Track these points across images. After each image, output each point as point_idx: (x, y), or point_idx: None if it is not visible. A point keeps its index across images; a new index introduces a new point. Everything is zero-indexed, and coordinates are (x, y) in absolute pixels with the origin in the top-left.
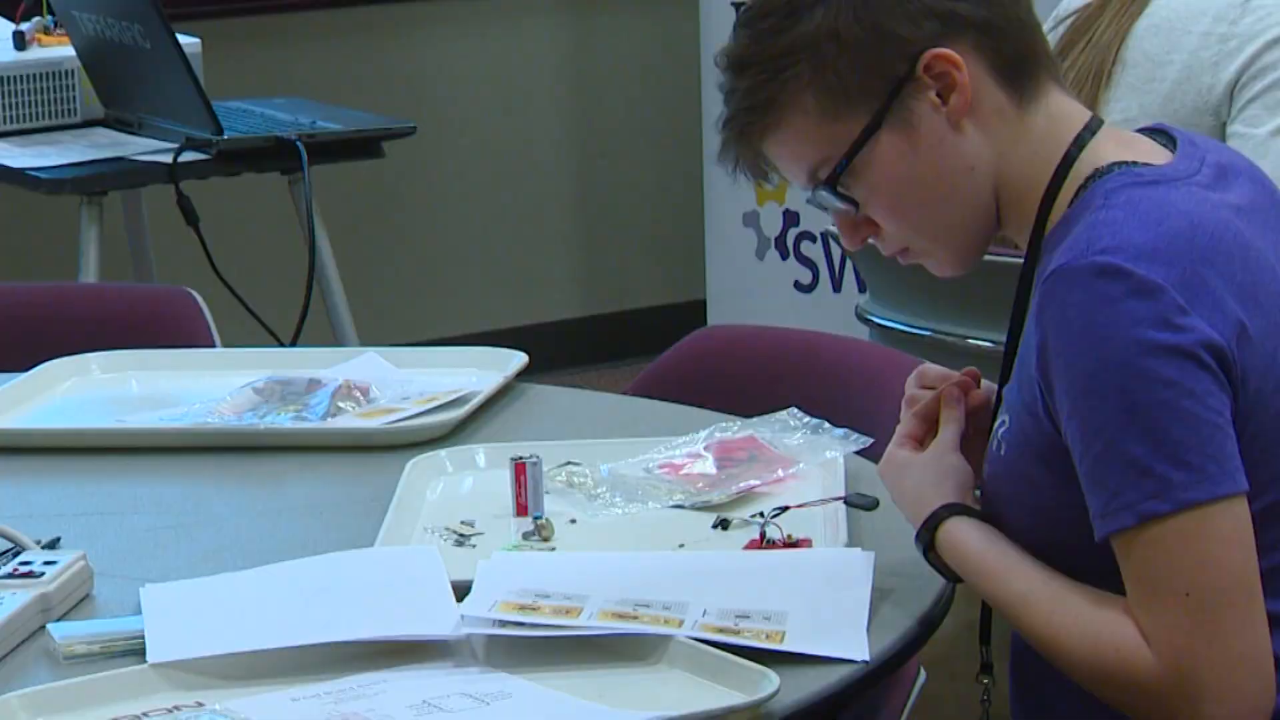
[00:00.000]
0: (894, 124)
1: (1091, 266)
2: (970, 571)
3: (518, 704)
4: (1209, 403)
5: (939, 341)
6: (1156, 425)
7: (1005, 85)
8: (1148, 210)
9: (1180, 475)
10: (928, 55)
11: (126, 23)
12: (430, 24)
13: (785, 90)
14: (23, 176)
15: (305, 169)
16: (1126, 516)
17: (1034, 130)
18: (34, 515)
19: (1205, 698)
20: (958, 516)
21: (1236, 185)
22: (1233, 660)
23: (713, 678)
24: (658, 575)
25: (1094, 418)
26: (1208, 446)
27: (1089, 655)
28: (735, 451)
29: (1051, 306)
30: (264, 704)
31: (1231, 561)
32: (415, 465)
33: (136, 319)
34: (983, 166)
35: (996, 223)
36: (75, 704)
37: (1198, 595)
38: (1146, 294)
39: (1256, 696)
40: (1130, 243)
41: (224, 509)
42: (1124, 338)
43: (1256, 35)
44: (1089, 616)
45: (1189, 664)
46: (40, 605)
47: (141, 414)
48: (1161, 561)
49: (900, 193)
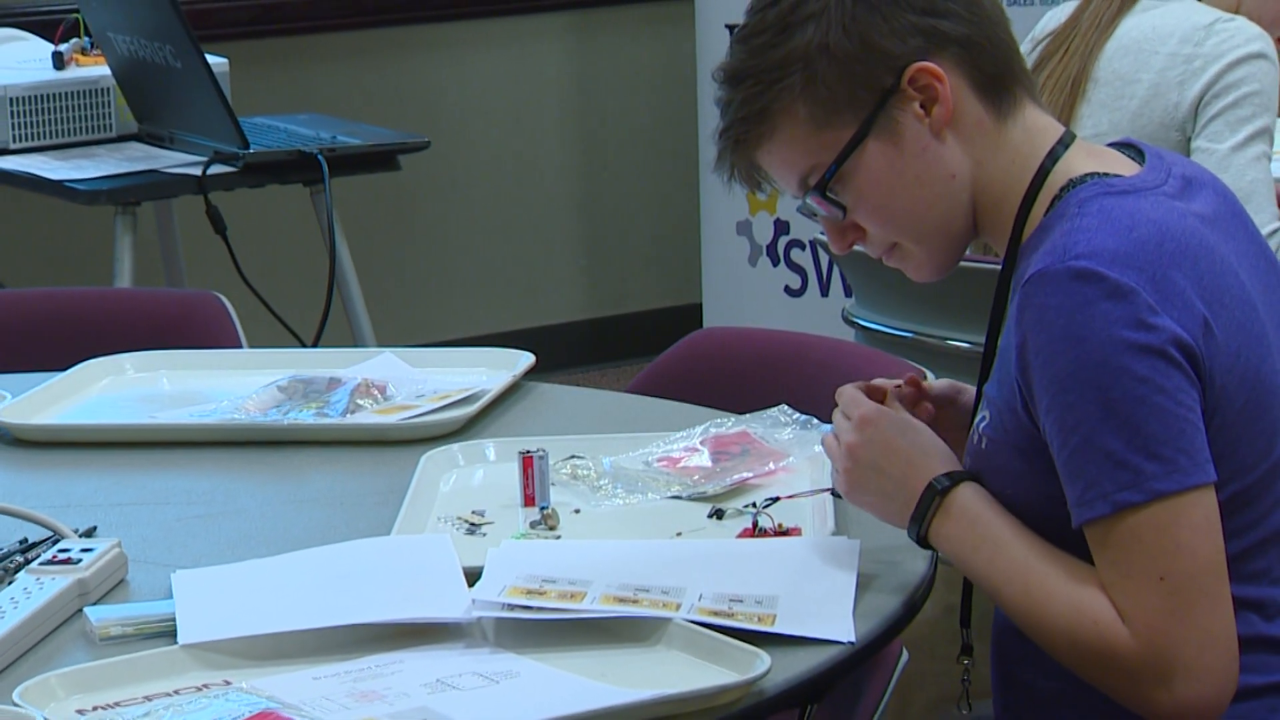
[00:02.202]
0: (880, 133)
1: (1068, 271)
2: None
3: (526, 682)
4: (1179, 398)
5: (920, 343)
6: (1131, 420)
7: (984, 99)
8: (1119, 218)
9: (1153, 467)
10: (912, 69)
11: (159, 44)
12: (443, 46)
13: (779, 100)
14: (61, 188)
15: (326, 181)
16: (1102, 505)
17: (1011, 142)
18: (72, 505)
19: (1177, 675)
20: (965, 483)
21: (1201, 195)
22: (1204, 641)
23: (708, 658)
24: (657, 562)
25: (1072, 413)
26: (1179, 440)
27: (1068, 629)
28: (729, 446)
29: (1031, 309)
30: (287, 682)
31: (1202, 548)
32: (429, 459)
33: (168, 322)
34: (962, 175)
35: (973, 228)
36: (110, 683)
37: (1171, 580)
38: (1120, 296)
39: (1224, 675)
40: (1104, 249)
41: (250, 500)
42: (1099, 337)
43: (1220, 56)
44: (1069, 590)
45: (1163, 643)
46: (78, 590)
47: (172, 411)
48: (1136, 548)
49: (885, 197)
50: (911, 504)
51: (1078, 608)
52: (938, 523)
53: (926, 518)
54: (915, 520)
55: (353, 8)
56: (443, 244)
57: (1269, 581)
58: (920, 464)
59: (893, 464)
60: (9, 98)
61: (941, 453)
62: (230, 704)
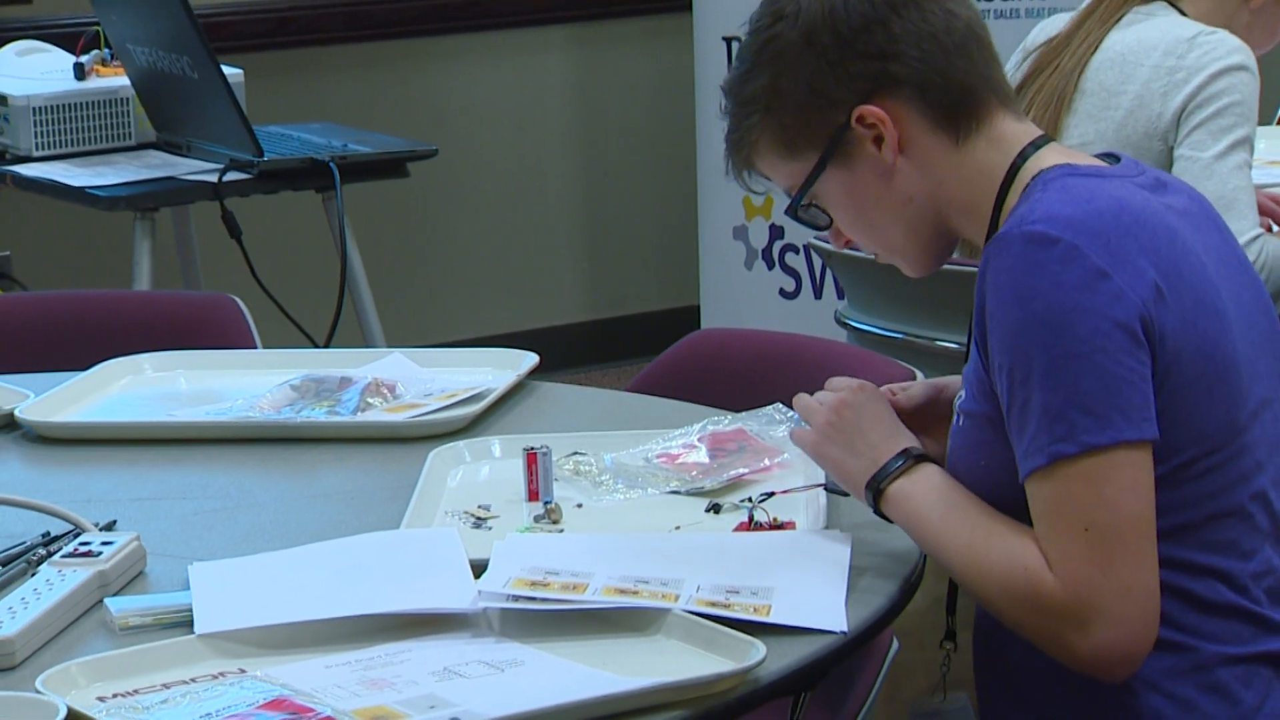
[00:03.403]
0: (838, 163)
1: (1023, 235)
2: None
3: (530, 670)
4: (1120, 359)
5: (909, 343)
6: (1071, 377)
7: (941, 128)
8: (1080, 192)
9: (1087, 421)
10: (859, 110)
11: (176, 55)
12: (451, 57)
13: (749, 134)
14: (83, 194)
15: (338, 187)
16: (1039, 457)
17: (974, 158)
18: (92, 500)
19: (1096, 622)
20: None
21: (1174, 194)
22: (1123, 591)
23: (705, 647)
24: (656, 555)
25: (1019, 371)
26: (1115, 398)
27: (1001, 576)
28: (726, 443)
29: (989, 272)
30: (300, 671)
31: (1127, 504)
32: (437, 455)
33: (185, 323)
34: (920, 196)
35: (952, 233)
36: (130, 671)
37: (1095, 531)
38: (1070, 259)
39: (1141, 625)
40: (1060, 214)
41: (264, 495)
42: (1046, 299)
43: (1201, 68)
44: (1007, 542)
45: (1085, 591)
46: (98, 582)
47: (189, 409)
48: (1065, 499)
49: (852, 217)
50: (876, 466)
51: (1011, 557)
52: (902, 480)
53: (893, 474)
54: (879, 476)
55: (363, 21)
56: (450, 248)
57: (1237, 554)
58: (899, 437)
59: (874, 429)
60: (32, 107)
61: (917, 440)
62: (245, 691)
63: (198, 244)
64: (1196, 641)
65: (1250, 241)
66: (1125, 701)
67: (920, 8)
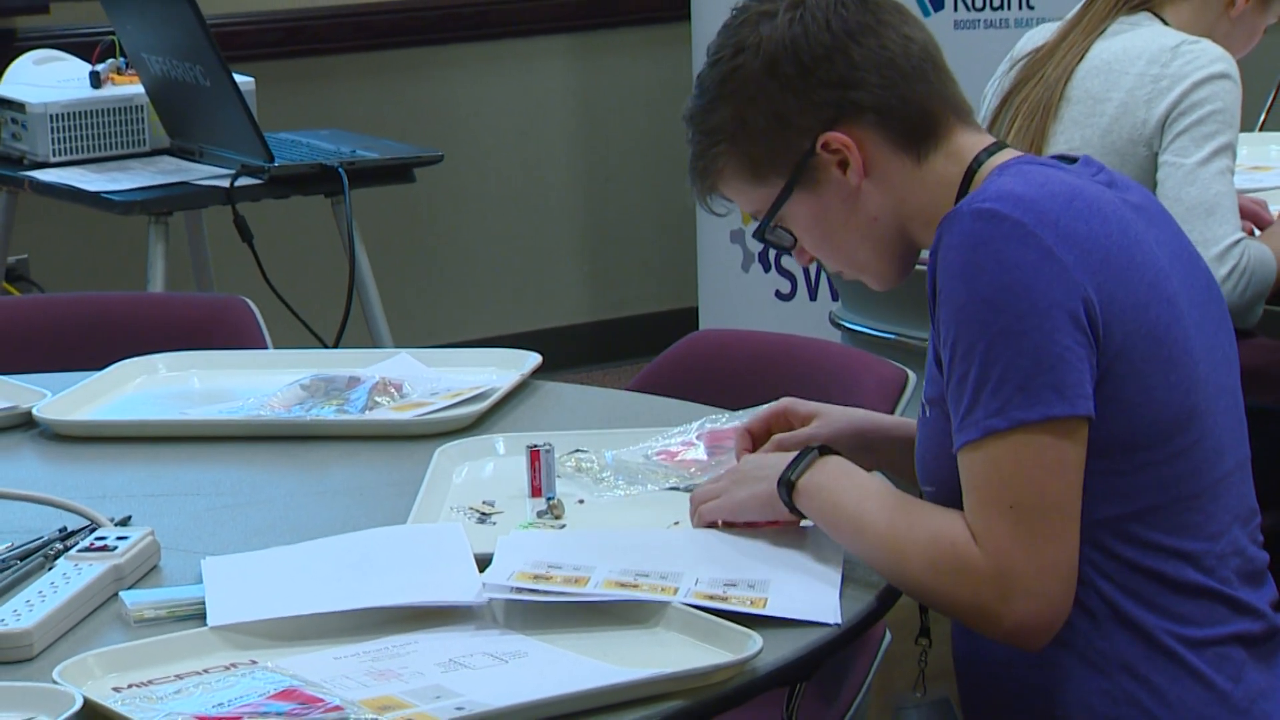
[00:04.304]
0: (804, 187)
1: (973, 212)
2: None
3: (533, 661)
4: (1057, 338)
5: (900, 343)
6: (1007, 353)
7: (903, 149)
8: (1034, 176)
9: (1020, 398)
10: (823, 137)
11: (189, 64)
12: (455, 66)
13: (715, 162)
14: (98, 199)
15: (346, 192)
16: (973, 431)
17: (933, 170)
18: (108, 496)
19: (1017, 594)
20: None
21: (1130, 192)
22: (1045, 567)
23: (704, 639)
24: (655, 549)
25: (961, 344)
26: (1049, 375)
27: (927, 552)
28: (724, 440)
29: (940, 248)
30: (310, 662)
31: (1053, 483)
32: (443, 452)
33: (198, 324)
34: (885, 215)
35: (915, 244)
36: (144, 662)
37: (1020, 509)
38: (1017, 238)
39: (1060, 599)
40: (1011, 194)
41: (275, 491)
42: (991, 275)
43: (1185, 77)
44: (931, 519)
45: (1007, 564)
46: (114, 575)
47: (202, 407)
48: (994, 474)
49: (818, 238)
50: (780, 471)
51: (936, 532)
52: (811, 473)
53: (800, 468)
54: (787, 474)
55: (371, 30)
56: (455, 251)
57: (1205, 536)
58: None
59: (769, 460)
60: (49, 114)
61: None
62: (256, 682)
63: (210, 247)
64: (1169, 624)
65: (1232, 245)
66: (1103, 686)
67: (878, 35)
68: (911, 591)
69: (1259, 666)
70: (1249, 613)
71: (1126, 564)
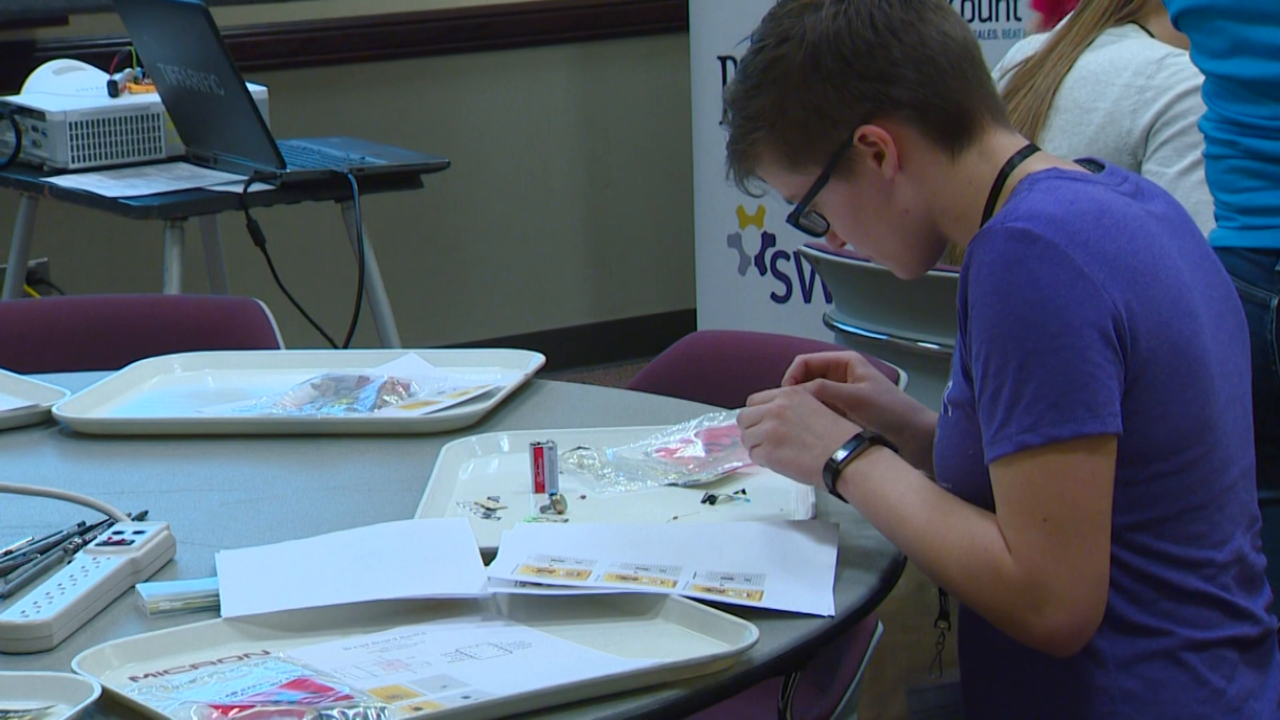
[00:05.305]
0: (839, 176)
1: (1006, 231)
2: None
3: (536, 652)
4: (1089, 355)
5: (893, 344)
6: (1040, 371)
7: (938, 144)
8: (1064, 192)
9: (1052, 415)
10: (860, 130)
11: (204, 73)
12: (462, 75)
13: (754, 146)
14: (116, 204)
15: (356, 198)
16: (1006, 445)
17: (966, 168)
18: (125, 492)
19: (1050, 604)
20: (876, 445)
21: (1153, 200)
22: (1075, 578)
23: (701, 630)
24: (655, 543)
25: (993, 361)
26: (1081, 393)
27: (962, 555)
28: (721, 438)
29: (972, 265)
30: (320, 652)
31: (1085, 497)
32: (449, 449)
33: (212, 325)
34: (916, 209)
35: (943, 238)
36: (160, 652)
37: (1053, 522)
38: (1048, 256)
39: (1091, 608)
40: (1043, 213)
41: (286, 487)
42: (1024, 294)
43: (1169, 88)
44: (968, 523)
45: (1040, 576)
46: (130, 569)
47: (216, 406)
48: (1027, 488)
49: (850, 226)
50: (829, 453)
51: (972, 537)
52: (859, 461)
53: (850, 456)
54: (836, 460)
55: (380, 41)
56: (461, 255)
57: (1210, 545)
58: (845, 424)
59: (818, 421)
60: (69, 122)
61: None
62: (268, 672)
63: (224, 251)
64: (1169, 626)
65: None
66: (1100, 683)
67: (919, 32)
68: (946, 589)
69: (1251, 667)
70: (1246, 618)
71: (1131, 572)
